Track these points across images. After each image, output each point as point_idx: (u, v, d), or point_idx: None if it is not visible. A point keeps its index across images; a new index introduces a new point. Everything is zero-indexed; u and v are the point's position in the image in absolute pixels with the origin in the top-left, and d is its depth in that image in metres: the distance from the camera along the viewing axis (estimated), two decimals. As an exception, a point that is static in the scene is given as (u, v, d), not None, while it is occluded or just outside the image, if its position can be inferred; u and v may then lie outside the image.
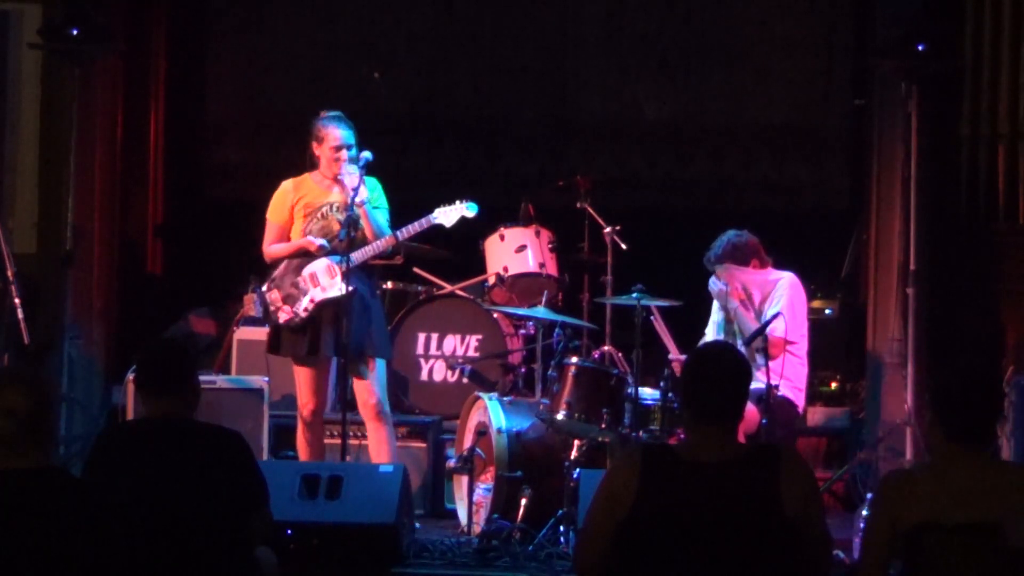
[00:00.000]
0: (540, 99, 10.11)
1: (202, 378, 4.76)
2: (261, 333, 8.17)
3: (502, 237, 8.38)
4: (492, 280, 8.40)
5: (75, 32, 8.19)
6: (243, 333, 8.25)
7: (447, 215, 7.17)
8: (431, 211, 7.16)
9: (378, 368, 7.10)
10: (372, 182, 7.14)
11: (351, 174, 7.03)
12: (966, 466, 3.93)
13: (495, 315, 8.32)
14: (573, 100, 10.12)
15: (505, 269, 8.33)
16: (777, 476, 3.85)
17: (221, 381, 7.80)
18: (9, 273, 7.80)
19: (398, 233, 7.07)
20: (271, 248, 7.18)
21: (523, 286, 8.33)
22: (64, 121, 8.38)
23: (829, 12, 9.92)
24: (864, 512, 6.25)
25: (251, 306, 8.42)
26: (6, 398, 3.95)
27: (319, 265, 7.05)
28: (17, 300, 7.75)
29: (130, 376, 7.56)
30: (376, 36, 10.06)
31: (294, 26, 10.11)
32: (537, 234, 8.39)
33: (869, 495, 6.79)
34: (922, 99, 8.02)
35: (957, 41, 8.28)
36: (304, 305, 7.02)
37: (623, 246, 8.14)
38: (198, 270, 9.72)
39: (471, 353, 8.34)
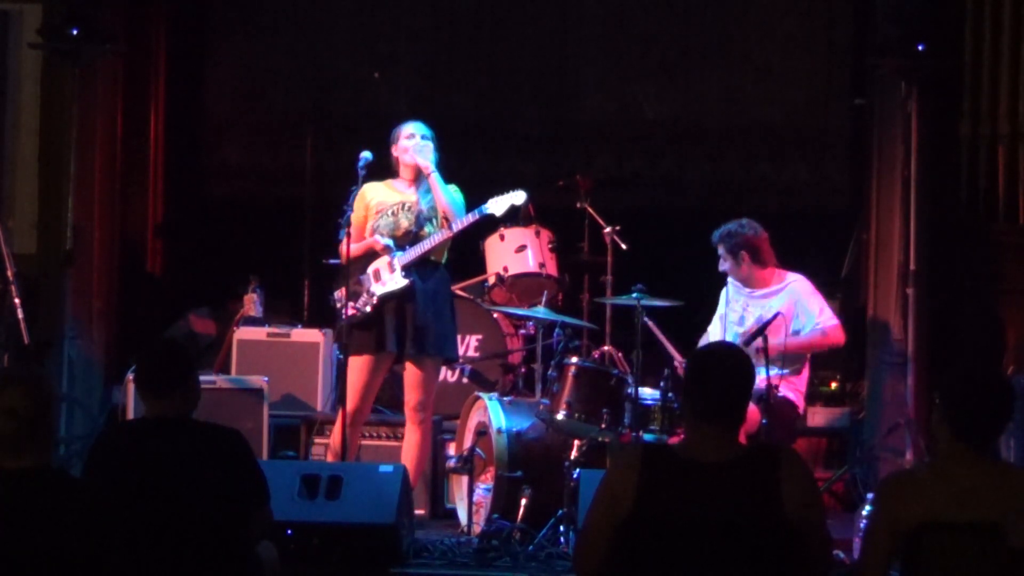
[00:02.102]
0: (540, 99, 10.11)
1: (202, 378, 4.76)
2: (261, 333, 8.18)
3: (502, 237, 8.38)
4: (492, 280, 8.40)
5: (75, 32, 8.19)
6: (243, 333, 8.25)
7: (498, 204, 7.20)
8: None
9: (427, 368, 7.11)
10: (453, 188, 7.19)
11: (421, 150, 7.10)
12: (968, 466, 3.92)
13: (495, 315, 8.32)
14: (573, 100, 10.12)
15: (505, 269, 8.33)
16: (777, 476, 3.85)
17: (221, 381, 7.80)
18: (9, 273, 7.79)
19: (453, 225, 7.10)
20: (349, 245, 7.17)
21: (523, 286, 8.33)
22: (64, 121, 8.37)
23: (829, 12, 9.92)
24: (864, 512, 6.25)
25: (251, 306, 8.43)
26: (6, 398, 3.95)
27: (382, 262, 7.08)
28: (17, 300, 7.74)
29: (130, 376, 7.57)
30: (376, 36, 10.06)
31: (294, 26, 10.11)
32: (537, 234, 8.39)
33: (869, 495, 6.79)
34: (922, 99, 8.02)
35: (957, 41, 8.27)
36: (365, 300, 7.04)
37: (623, 246, 8.14)
38: (198, 270, 9.71)
39: (471, 353, 8.34)
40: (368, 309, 7.04)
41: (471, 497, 7.12)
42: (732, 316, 7.37)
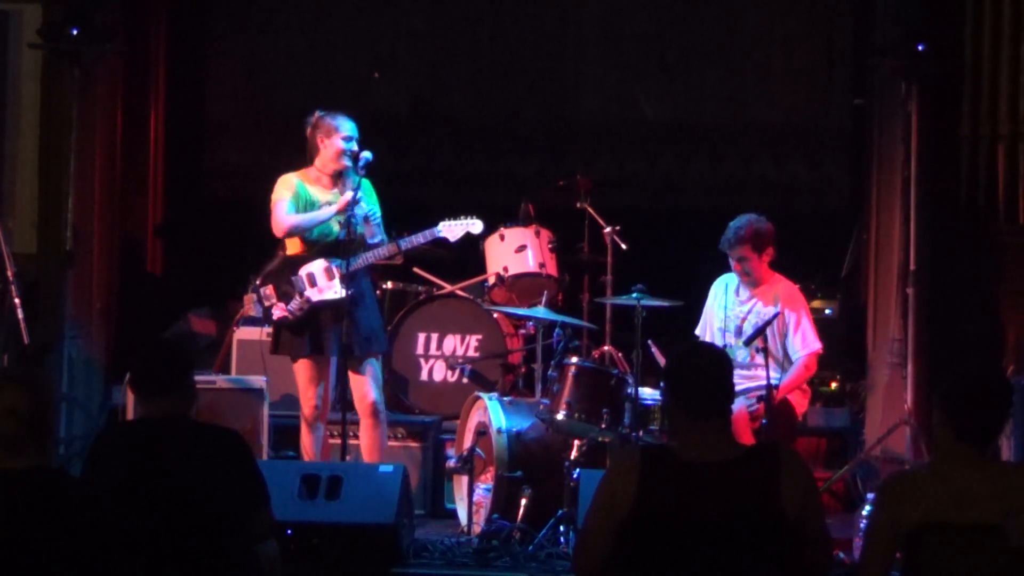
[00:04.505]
0: (540, 99, 10.11)
1: (202, 378, 4.77)
2: (261, 333, 8.17)
3: (502, 237, 8.38)
4: (492, 280, 8.41)
5: (75, 32, 8.20)
6: (243, 333, 8.24)
7: (452, 230, 7.29)
8: (435, 223, 7.26)
9: (375, 365, 7.15)
10: (365, 184, 7.14)
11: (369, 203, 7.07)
12: (968, 467, 3.92)
13: (495, 315, 8.33)
14: (573, 100, 10.12)
15: (505, 269, 8.33)
16: (777, 476, 3.85)
17: (221, 381, 7.80)
18: (9, 273, 7.80)
19: (401, 243, 7.15)
20: (290, 217, 7.07)
21: (523, 286, 8.34)
22: (64, 121, 8.37)
23: (829, 12, 9.92)
24: (864, 512, 6.25)
25: (251, 306, 8.41)
26: (7, 398, 3.95)
27: (317, 266, 7.06)
28: (17, 300, 7.74)
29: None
30: (376, 36, 10.06)
31: (294, 26, 10.11)
32: (537, 234, 8.40)
33: (869, 495, 6.79)
34: (922, 99, 8.02)
35: (957, 41, 8.27)
36: (298, 303, 7.03)
37: (623, 246, 8.15)
38: (198, 270, 9.71)
39: (471, 353, 8.34)
40: (298, 313, 7.04)
41: (471, 497, 7.12)
42: (726, 324, 7.34)
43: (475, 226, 7.39)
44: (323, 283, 7.04)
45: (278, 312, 7.06)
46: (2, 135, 8.70)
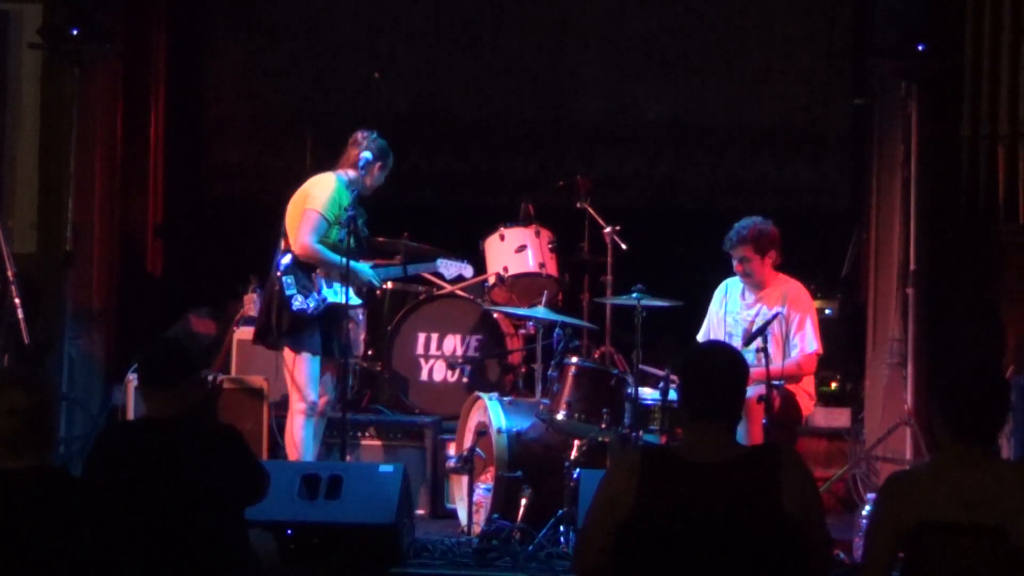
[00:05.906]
0: (540, 99, 10.10)
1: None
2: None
3: (502, 237, 8.38)
4: (492, 280, 8.41)
5: (75, 32, 8.20)
6: (243, 333, 8.24)
7: (448, 268, 8.13)
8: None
9: None
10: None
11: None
12: (969, 466, 3.92)
13: (495, 315, 8.33)
14: (573, 100, 10.11)
15: (505, 269, 8.33)
16: (777, 476, 3.85)
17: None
18: (9, 273, 7.80)
19: (409, 270, 7.87)
20: (319, 248, 7.16)
21: (523, 286, 8.34)
22: (64, 121, 8.37)
23: (829, 12, 9.92)
24: (865, 512, 6.25)
25: (251, 306, 8.43)
26: (7, 398, 3.96)
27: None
28: (17, 300, 7.75)
29: (130, 376, 7.57)
30: (376, 36, 10.06)
31: (294, 26, 10.11)
32: (537, 234, 8.40)
33: (869, 495, 6.79)
34: (922, 99, 8.02)
35: (957, 41, 8.27)
36: (317, 301, 7.06)
37: (623, 246, 8.14)
38: (198, 270, 9.71)
39: (471, 353, 8.34)
40: (314, 310, 7.08)
41: (471, 497, 7.12)
42: (733, 328, 7.34)
43: (467, 270, 8.20)
44: (337, 285, 7.10)
45: (297, 304, 7.08)
46: (2, 135, 8.70)
